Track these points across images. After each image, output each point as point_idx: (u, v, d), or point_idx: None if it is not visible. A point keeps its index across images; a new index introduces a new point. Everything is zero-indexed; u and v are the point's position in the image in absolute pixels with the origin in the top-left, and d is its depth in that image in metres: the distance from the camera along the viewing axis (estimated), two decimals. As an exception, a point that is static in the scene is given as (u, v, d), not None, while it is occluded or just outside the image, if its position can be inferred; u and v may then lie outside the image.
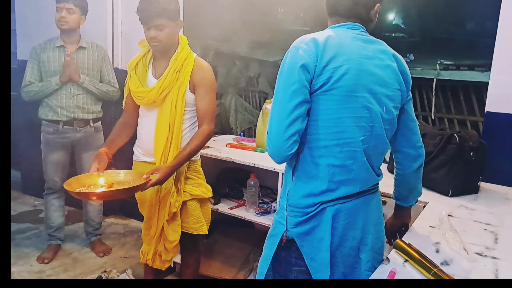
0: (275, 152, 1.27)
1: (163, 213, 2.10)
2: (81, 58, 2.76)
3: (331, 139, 1.29)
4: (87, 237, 3.08)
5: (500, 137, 2.14)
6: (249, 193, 2.49)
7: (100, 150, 2.10)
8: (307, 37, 1.29)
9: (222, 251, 2.77)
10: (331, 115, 1.28)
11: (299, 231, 1.35)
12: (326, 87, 1.25)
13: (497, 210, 1.80)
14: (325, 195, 1.32)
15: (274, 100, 1.28)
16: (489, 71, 2.57)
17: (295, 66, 1.24)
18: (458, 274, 1.26)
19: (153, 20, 1.91)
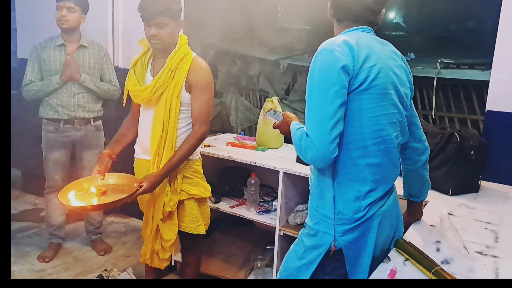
0: (319, 156, 1.24)
1: (157, 212, 2.10)
2: (81, 57, 2.76)
3: (369, 138, 1.30)
4: (88, 236, 3.09)
5: (500, 136, 2.14)
6: (249, 192, 2.49)
7: (103, 152, 2.13)
8: (336, 40, 1.29)
9: (223, 249, 2.77)
10: (369, 114, 1.28)
11: (348, 239, 1.34)
12: (363, 86, 1.26)
13: (497, 209, 1.80)
14: (370, 195, 1.33)
15: (310, 103, 1.27)
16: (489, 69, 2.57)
17: (333, 67, 1.23)
18: (459, 273, 1.26)
19: (155, 18, 1.91)
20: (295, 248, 1.50)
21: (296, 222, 2.33)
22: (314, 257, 1.39)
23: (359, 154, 1.31)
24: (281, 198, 2.29)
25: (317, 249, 1.38)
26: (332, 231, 1.35)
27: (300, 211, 2.36)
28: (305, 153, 1.26)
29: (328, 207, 1.35)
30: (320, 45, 1.31)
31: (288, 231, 2.29)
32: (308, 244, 1.42)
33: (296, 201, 2.43)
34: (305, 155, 1.27)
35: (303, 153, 1.28)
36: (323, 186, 1.37)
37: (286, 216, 2.37)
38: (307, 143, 1.24)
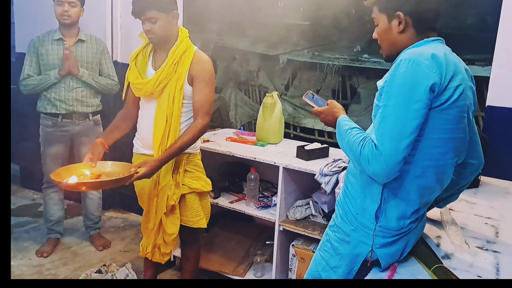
0: (385, 173, 1.16)
1: (161, 206, 2.10)
2: (80, 51, 2.74)
3: (431, 159, 1.22)
4: (87, 231, 3.08)
5: (500, 131, 2.14)
6: (249, 187, 2.48)
7: (96, 140, 2.09)
8: (423, 52, 1.18)
9: (222, 245, 2.76)
10: (441, 135, 1.20)
11: (386, 252, 1.28)
12: (445, 105, 1.17)
13: (497, 204, 1.80)
14: (413, 215, 1.28)
15: (386, 113, 1.17)
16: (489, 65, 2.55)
17: (420, 83, 1.14)
18: (459, 268, 1.26)
19: (144, 13, 1.90)
20: (325, 256, 1.41)
21: (296, 217, 2.33)
22: (349, 266, 1.33)
23: (416, 174, 1.22)
24: (281, 193, 2.29)
25: (351, 258, 1.33)
26: (371, 241, 1.28)
27: (300, 206, 2.36)
28: (368, 164, 1.17)
29: (369, 217, 1.28)
30: (404, 53, 1.22)
31: (288, 226, 2.29)
32: (342, 252, 1.35)
33: (295, 196, 2.42)
34: (368, 165, 1.18)
35: (364, 162, 1.19)
36: (367, 196, 1.28)
37: (286, 211, 2.37)
38: (375, 155, 1.15)
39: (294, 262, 2.31)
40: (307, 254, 2.25)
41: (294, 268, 2.32)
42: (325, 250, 1.41)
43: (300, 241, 2.33)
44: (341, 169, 2.06)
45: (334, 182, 2.05)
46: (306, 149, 2.35)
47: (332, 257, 1.38)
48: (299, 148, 2.38)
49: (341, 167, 2.07)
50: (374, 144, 1.16)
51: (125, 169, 1.95)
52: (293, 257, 2.32)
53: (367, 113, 3.18)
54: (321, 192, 2.31)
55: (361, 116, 3.16)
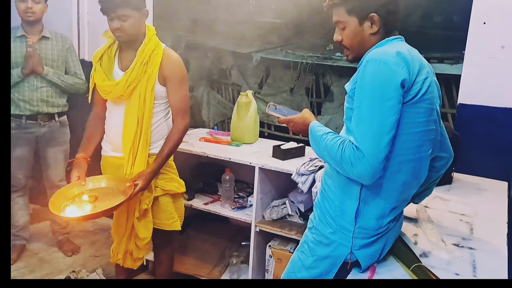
0: (370, 173, 1.15)
1: (132, 210, 2.03)
2: (44, 49, 2.62)
3: (408, 154, 1.22)
4: (54, 236, 2.96)
5: (471, 128, 2.18)
6: (224, 188, 2.44)
7: (77, 156, 2.02)
8: (388, 51, 1.20)
9: (197, 247, 2.71)
10: (414, 129, 1.20)
11: (365, 253, 1.27)
12: (415, 99, 1.18)
13: (470, 200, 1.82)
14: (392, 213, 1.27)
15: (362, 115, 1.16)
16: (458, 63, 2.59)
17: (390, 81, 1.14)
18: (437, 266, 1.26)
19: (115, 11, 1.82)
20: (301, 257, 1.40)
21: (272, 217, 2.30)
22: (328, 268, 1.32)
23: (394, 170, 1.22)
24: (257, 193, 2.25)
25: (330, 260, 1.31)
26: (350, 243, 1.27)
27: (276, 206, 2.33)
28: (352, 167, 1.16)
29: (348, 219, 1.27)
30: (368, 54, 1.22)
31: (264, 227, 2.26)
32: (320, 254, 1.33)
33: (272, 196, 2.40)
34: (351, 168, 1.16)
35: (347, 166, 1.17)
36: (345, 197, 1.28)
37: (262, 212, 2.34)
38: (357, 157, 1.14)
39: (271, 263, 2.28)
40: (284, 254, 2.22)
41: (271, 269, 2.30)
42: (302, 252, 1.41)
43: (277, 241, 2.30)
44: (318, 168, 2.05)
45: (311, 182, 2.03)
46: (282, 149, 2.32)
47: (307, 258, 1.38)
48: (275, 147, 2.35)
49: (318, 166, 2.06)
50: (355, 146, 1.15)
51: (118, 182, 1.92)
52: (270, 258, 2.29)
53: (340, 111, 3.18)
54: (298, 192, 2.29)
55: (335, 114, 3.16)
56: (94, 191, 1.91)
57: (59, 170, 2.78)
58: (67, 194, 1.88)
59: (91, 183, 1.95)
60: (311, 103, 3.23)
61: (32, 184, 2.89)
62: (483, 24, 2.09)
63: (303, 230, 2.19)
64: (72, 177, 1.94)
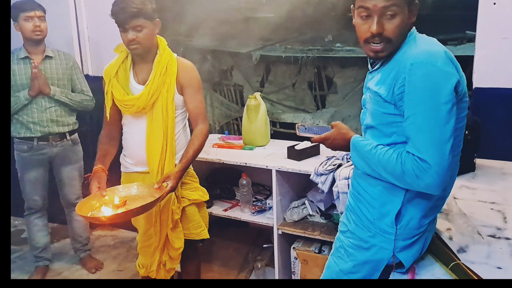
0: (439, 184, 1.09)
1: (165, 221, 2.02)
2: (49, 69, 2.60)
3: (453, 150, 1.14)
4: (76, 254, 2.95)
5: (489, 112, 2.14)
6: (242, 193, 2.42)
7: (96, 167, 1.96)
8: (434, 51, 1.12)
9: (220, 253, 2.70)
10: (458, 124, 1.17)
11: (408, 254, 1.23)
12: (460, 95, 1.14)
13: (497, 187, 1.79)
14: (433, 211, 1.24)
15: (419, 123, 1.09)
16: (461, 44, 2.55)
17: (443, 84, 1.08)
18: (477, 261, 1.24)
19: (130, 22, 1.80)
20: (338, 262, 1.36)
21: (293, 219, 2.28)
22: (369, 272, 1.28)
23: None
24: (276, 196, 2.23)
25: (372, 264, 1.27)
26: (392, 246, 1.23)
27: (296, 207, 2.31)
28: (417, 179, 1.09)
29: (389, 222, 1.22)
30: (414, 54, 1.13)
31: (287, 229, 2.24)
32: (360, 259, 1.29)
33: (290, 198, 2.37)
34: (417, 181, 1.10)
35: (411, 179, 1.10)
36: (387, 201, 1.22)
37: (283, 214, 2.31)
38: (423, 169, 1.08)
39: (297, 264, 2.27)
40: (309, 255, 2.20)
41: (297, 271, 2.28)
42: (339, 257, 1.36)
43: (300, 242, 2.28)
44: (336, 166, 2.02)
45: (331, 181, 2.00)
46: (297, 149, 2.29)
47: (345, 263, 1.33)
48: (290, 148, 2.32)
49: (336, 164, 2.03)
50: (417, 157, 1.09)
51: (147, 189, 1.86)
52: (295, 259, 2.27)
53: (345, 102, 3.14)
54: (316, 191, 2.26)
55: (340, 106, 3.13)
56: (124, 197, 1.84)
57: (75, 188, 2.77)
58: (91, 203, 1.80)
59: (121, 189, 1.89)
60: (314, 96, 3.19)
61: (50, 203, 2.89)
62: (493, 5, 2.04)
63: (326, 230, 2.18)
64: (92, 188, 1.86)
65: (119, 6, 1.80)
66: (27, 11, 2.46)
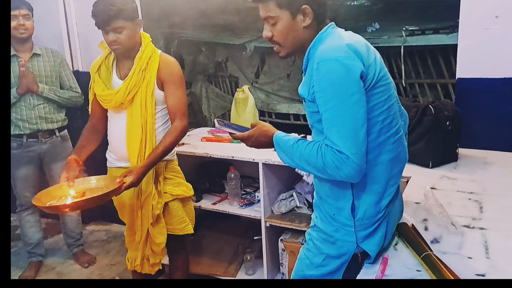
0: (358, 172, 1.14)
1: (146, 216, 2.04)
2: (36, 66, 2.61)
3: (383, 134, 1.22)
4: (69, 249, 2.99)
5: (472, 102, 2.15)
6: (230, 186, 2.44)
7: (69, 157, 1.97)
8: (335, 46, 1.18)
9: (210, 246, 2.73)
10: (381, 108, 1.20)
11: (371, 242, 1.26)
12: (373, 82, 1.18)
13: (478, 176, 1.81)
14: (388, 194, 1.26)
15: (331, 117, 1.15)
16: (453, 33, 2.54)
17: (349, 78, 1.13)
18: (449, 251, 1.26)
19: (110, 24, 1.81)
20: (308, 255, 1.39)
21: (281, 211, 2.30)
22: (338, 265, 1.31)
23: (376, 153, 1.22)
24: (263, 189, 2.25)
25: (340, 258, 1.31)
26: (354, 238, 1.26)
27: (284, 200, 2.33)
28: (337, 170, 1.14)
29: (346, 215, 1.26)
30: (317, 55, 1.19)
31: (274, 221, 2.26)
32: (328, 252, 1.32)
33: (278, 190, 2.40)
34: (337, 172, 1.14)
35: (332, 170, 1.15)
36: (339, 194, 1.27)
37: (271, 206, 2.34)
38: (342, 160, 1.12)
39: (285, 256, 2.30)
40: (297, 247, 2.22)
41: (285, 262, 2.31)
42: (309, 250, 1.40)
43: (288, 234, 2.31)
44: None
45: (315, 173, 2.02)
46: (283, 142, 2.30)
47: (315, 256, 1.37)
48: (276, 141, 2.33)
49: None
50: (335, 150, 1.14)
51: (110, 181, 1.87)
52: (283, 251, 2.30)
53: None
54: (304, 183, 2.28)
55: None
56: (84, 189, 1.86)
57: (65, 184, 2.79)
58: (53, 194, 1.82)
59: (81, 183, 1.89)
60: (309, 86, 3.22)
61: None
62: (475, -5, 2.05)
63: (313, 221, 2.21)
64: (61, 179, 1.86)
65: (98, 8, 1.80)
66: (12, 10, 2.46)
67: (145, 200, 2.02)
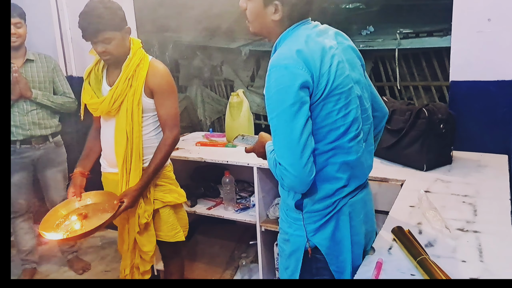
0: (297, 183, 1.16)
1: (133, 225, 2.03)
2: (30, 72, 2.60)
3: (338, 139, 1.21)
4: (63, 255, 2.97)
5: (466, 104, 2.15)
6: (225, 191, 2.43)
7: (75, 171, 2.03)
8: (286, 52, 1.16)
9: (206, 251, 2.71)
10: (335, 116, 1.19)
11: (321, 236, 1.27)
12: (326, 91, 1.16)
13: (472, 179, 1.81)
14: (340, 191, 1.26)
15: (273, 127, 1.16)
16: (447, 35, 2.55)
17: (290, 85, 1.12)
18: (443, 255, 1.25)
19: (97, 36, 1.80)
20: (280, 259, 1.43)
21: (277, 215, 2.29)
22: (295, 263, 1.32)
23: (329, 155, 1.22)
24: (258, 193, 2.24)
25: (294, 255, 1.32)
26: (303, 232, 1.27)
27: (279, 204, 2.32)
28: (282, 181, 1.19)
29: (295, 209, 1.28)
30: (272, 59, 1.18)
31: (269, 226, 2.25)
32: (287, 252, 1.35)
33: (273, 194, 2.39)
34: (283, 183, 1.20)
35: (280, 181, 1.20)
36: (289, 190, 1.30)
37: (266, 211, 2.33)
38: (281, 171, 1.15)
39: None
40: (292, 251, 2.22)
41: (280, 266, 2.30)
42: (279, 254, 1.44)
43: (283, 239, 2.30)
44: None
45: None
46: (278, 146, 2.30)
47: (281, 259, 1.40)
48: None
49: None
50: (278, 162, 1.16)
51: (106, 197, 1.95)
52: (279, 256, 2.28)
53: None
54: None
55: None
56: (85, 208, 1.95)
57: (59, 190, 2.78)
58: (58, 213, 1.92)
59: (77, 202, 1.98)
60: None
61: (37, 205, 2.90)
62: (467, -1, 2.06)
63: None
64: (68, 194, 1.97)
65: (84, 21, 1.79)
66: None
67: (131, 209, 2.00)
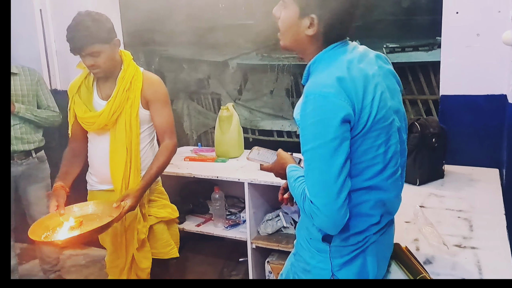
0: (330, 225, 1.04)
1: (131, 241, 1.96)
2: (13, 85, 2.52)
3: (377, 175, 1.10)
4: (45, 275, 2.85)
5: (456, 119, 2.16)
6: (215, 207, 2.38)
7: (55, 185, 1.89)
8: (325, 78, 1.04)
9: (194, 269, 2.64)
10: (375, 152, 1.08)
11: (347, 272, 1.14)
12: (368, 126, 1.05)
13: (465, 193, 1.80)
14: (371, 228, 1.14)
15: (310, 160, 1.04)
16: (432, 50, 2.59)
17: (331, 118, 1.00)
18: (443, 272, 1.23)
19: (85, 49, 1.75)
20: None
21: (267, 232, 2.25)
22: None
23: (364, 191, 1.11)
24: (249, 209, 2.20)
25: None
26: (329, 265, 1.15)
27: (270, 220, 2.28)
28: (313, 219, 1.05)
29: (320, 240, 1.15)
30: (308, 85, 1.06)
31: (260, 243, 2.21)
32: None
33: (264, 210, 2.35)
34: (313, 221, 1.07)
35: (309, 218, 1.07)
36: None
37: (256, 227, 2.28)
38: (312, 210, 1.03)
39: (272, 279, 2.23)
40: (284, 268, 2.17)
41: (272, 284, 2.24)
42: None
43: (275, 256, 2.25)
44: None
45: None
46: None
47: None
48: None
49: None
50: (310, 200, 1.03)
51: (105, 207, 1.79)
52: (270, 274, 2.24)
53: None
54: (290, 202, 2.24)
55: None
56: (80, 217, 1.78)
57: (42, 207, 2.66)
58: (47, 224, 1.72)
59: (77, 208, 1.81)
60: (292, 103, 3.20)
61: (18, 222, 2.78)
62: (456, 14, 2.08)
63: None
64: (50, 207, 1.79)
65: (72, 34, 1.74)
66: None
67: (129, 224, 1.94)
